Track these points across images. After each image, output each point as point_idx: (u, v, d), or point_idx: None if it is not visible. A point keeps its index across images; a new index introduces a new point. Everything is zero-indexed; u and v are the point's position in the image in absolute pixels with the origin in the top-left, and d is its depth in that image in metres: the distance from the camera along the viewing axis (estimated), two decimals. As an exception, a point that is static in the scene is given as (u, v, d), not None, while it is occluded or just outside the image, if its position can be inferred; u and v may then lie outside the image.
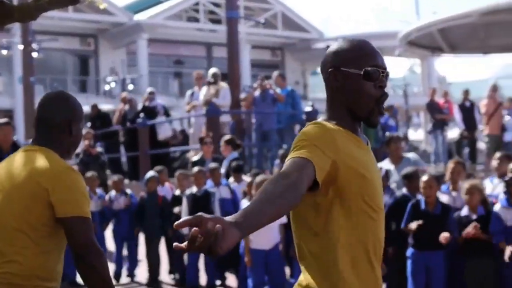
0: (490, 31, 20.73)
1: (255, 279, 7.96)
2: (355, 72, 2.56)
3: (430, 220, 7.11)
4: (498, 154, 9.09)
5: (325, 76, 2.65)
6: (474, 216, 7.04)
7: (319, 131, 2.43)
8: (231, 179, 10.09)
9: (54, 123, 3.17)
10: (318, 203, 2.45)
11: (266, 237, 7.88)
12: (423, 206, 7.24)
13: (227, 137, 11.29)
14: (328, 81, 2.64)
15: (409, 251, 7.30)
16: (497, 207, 6.89)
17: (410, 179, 7.76)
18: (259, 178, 7.86)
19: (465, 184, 7.29)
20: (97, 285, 3.02)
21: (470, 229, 6.92)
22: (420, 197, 7.44)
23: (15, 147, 7.79)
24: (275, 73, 15.22)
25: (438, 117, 16.73)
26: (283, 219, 7.80)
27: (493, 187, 8.48)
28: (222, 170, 10.41)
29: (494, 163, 8.89)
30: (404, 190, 7.74)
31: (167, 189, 10.51)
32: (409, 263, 7.29)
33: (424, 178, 7.33)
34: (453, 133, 21.17)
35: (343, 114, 2.60)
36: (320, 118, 2.65)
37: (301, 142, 2.39)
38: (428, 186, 7.22)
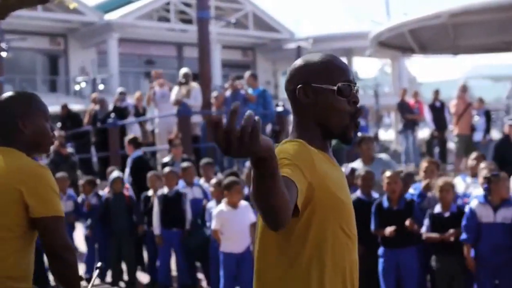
0: (460, 32, 20.91)
1: (226, 284, 7.86)
2: (328, 88, 2.48)
3: (395, 217, 7.16)
4: (474, 154, 9.20)
5: (292, 92, 2.54)
6: (447, 214, 7.11)
7: (298, 150, 2.33)
8: (202, 180, 10.10)
9: (5, 123, 3.16)
10: (292, 228, 2.34)
11: (237, 241, 7.84)
12: (386, 204, 7.28)
13: (129, 136, 11.31)
14: (296, 97, 2.53)
15: (380, 250, 7.33)
16: (473, 204, 6.92)
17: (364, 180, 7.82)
18: (227, 180, 7.86)
19: (438, 182, 7.33)
20: (74, 282, 3.07)
21: (407, 223, 7.08)
22: (376, 195, 7.55)
23: None
24: (247, 73, 15.20)
25: (408, 117, 16.82)
26: (253, 218, 7.80)
27: (465, 186, 8.56)
28: (127, 169, 10.72)
29: (471, 162, 8.98)
30: (359, 193, 7.75)
31: (131, 190, 10.47)
32: (380, 261, 7.32)
33: (388, 173, 7.36)
34: (424, 133, 21.31)
35: (314, 132, 2.50)
36: (291, 136, 2.53)
37: (283, 160, 2.26)
38: (392, 182, 7.26)
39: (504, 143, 11.16)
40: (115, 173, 10.15)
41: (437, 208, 7.24)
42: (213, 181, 9.07)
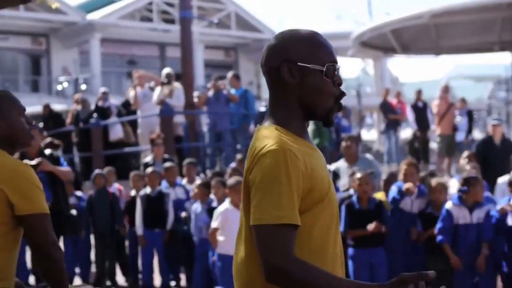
0: (442, 32, 21.05)
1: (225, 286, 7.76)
2: (316, 68, 2.34)
3: (365, 217, 7.23)
4: (466, 153, 9.28)
5: (273, 69, 2.38)
6: (438, 214, 7.21)
7: (284, 166, 2.18)
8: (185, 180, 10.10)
9: None
10: None
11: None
12: (356, 205, 7.34)
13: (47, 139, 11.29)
14: (277, 75, 2.37)
15: (350, 251, 7.37)
16: (448, 205, 6.98)
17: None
18: (232, 181, 7.72)
19: (432, 182, 7.41)
20: (61, 279, 3.06)
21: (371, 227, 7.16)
22: (349, 193, 7.61)
23: (41, 156, 7.20)
24: (229, 74, 15.20)
25: (391, 117, 16.88)
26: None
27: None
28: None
29: (463, 161, 9.05)
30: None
31: (115, 190, 10.48)
32: (350, 263, 7.35)
33: (358, 175, 7.40)
34: (406, 133, 21.39)
35: (294, 113, 2.38)
36: (267, 123, 2.39)
37: (273, 186, 2.16)
38: (364, 183, 7.31)
39: (486, 144, 11.20)
40: (97, 170, 10.17)
41: (429, 208, 7.33)
42: (197, 182, 9.07)
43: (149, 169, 9.63)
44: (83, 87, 30.86)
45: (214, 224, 7.82)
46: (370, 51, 26.79)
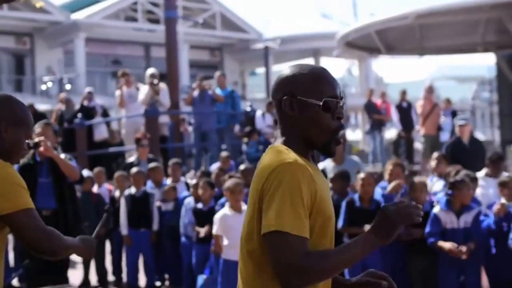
0: (426, 33, 21.10)
1: None
2: (314, 103, 2.45)
3: (366, 217, 7.22)
4: (435, 154, 9.28)
5: (277, 103, 2.52)
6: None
7: (297, 177, 2.31)
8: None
9: None
10: None
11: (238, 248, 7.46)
12: (358, 203, 7.35)
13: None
14: (281, 108, 2.50)
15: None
16: (436, 209, 7.01)
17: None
18: (231, 182, 7.57)
19: (414, 181, 7.45)
20: (66, 254, 3.15)
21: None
22: (352, 194, 7.59)
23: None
24: (217, 73, 15.24)
25: (375, 117, 16.93)
26: None
27: (431, 185, 8.67)
28: None
29: (432, 163, 9.07)
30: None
31: (105, 190, 10.47)
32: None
33: (361, 175, 7.44)
34: (391, 133, 21.47)
35: (299, 143, 2.48)
36: (278, 141, 2.51)
37: (296, 204, 2.28)
38: (367, 184, 7.34)
39: (455, 145, 11.22)
40: (85, 172, 10.14)
41: None
42: (193, 181, 9.08)
43: (134, 169, 9.62)
44: (68, 87, 30.75)
45: (214, 230, 7.72)
46: (355, 51, 26.85)
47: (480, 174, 8.64)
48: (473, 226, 6.91)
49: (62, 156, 7.01)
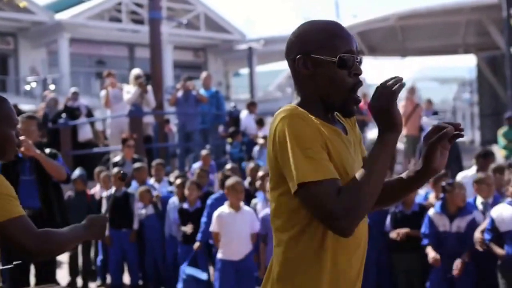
0: (408, 34, 21.32)
1: None
2: (328, 60, 2.35)
3: None
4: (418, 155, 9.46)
5: (291, 62, 2.42)
6: (409, 212, 7.41)
7: (298, 123, 2.23)
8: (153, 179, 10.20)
9: None
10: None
11: (236, 247, 7.47)
12: None
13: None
14: (295, 68, 2.41)
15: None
16: (431, 212, 7.12)
17: None
18: (233, 180, 7.51)
19: None
20: (65, 249, 3.05)
21: (394, 235, 7.26)
22: None
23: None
24: (203, 74, 15.31)
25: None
26: (256, 228, 7.58)
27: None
28: None
29: (411, 165, 9.23)
30: None
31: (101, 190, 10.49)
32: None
33: None
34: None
35: (316, 103, 2.38)
36: (294, 103, 2.41)
37: (306, 150, 2.19)
38: None
39: None
40: (77, 172, 10.20)
41: (399, 206, 7.47)
42: (178, 181, 9.14)
43: (115, 170, 9.68)
44: (52, 87, 30.71)
45: (211, 227, 7.72)
46: (338, 53, 26.97)
47: (471, 171, 8.79)
48: (468, 233, 6.84)
49: (47, 151, 6.59)
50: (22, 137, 5.89)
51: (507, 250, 6.27)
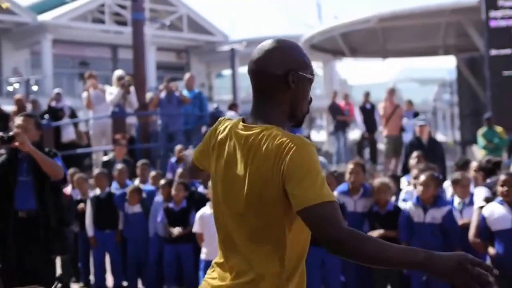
0: (389, 36, 21.49)
1: None
2: (308, 77, 2.59)
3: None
4: (415, 153, 9.61)
5: (276, 76, 2.55)
6: (383, 212, 7.50)
7: (315, 154, 2.44)
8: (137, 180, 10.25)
9: None
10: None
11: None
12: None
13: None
14: (280, 82, 2.56)
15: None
16: (408, 204, 7.25)
17: None
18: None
19: (375, 182, 7.69)
20: None
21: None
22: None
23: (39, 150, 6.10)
24: (187, 75, 15.39)
25: (339, 119, 17.11)
26: None
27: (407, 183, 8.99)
28: None
29: (412, 161, 9.39)
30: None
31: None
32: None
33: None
34: (355, 134, 21.80)
35: (285, 117, 2.59)
36: (261, 122, 2.56)
37: (315, 171, 2.39)
38: (329, 183, 7.56)
39: (414, 144, 11.59)
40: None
41: (375, 207, 7.58)
42: (162, 181, 9.18)
43: (96, 171, 9.73)
44: (35, 88, 30.68)
45: (195, 228, 7.82)
46: (320, 54, 27.12)
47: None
48: (446, 223, 6.97)
49: (46, 150, 6.35)
50: (17, 131, 5.80)
51: (497, 249, 6.37)
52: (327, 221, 2.33)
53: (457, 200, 7.53)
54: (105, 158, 11.47)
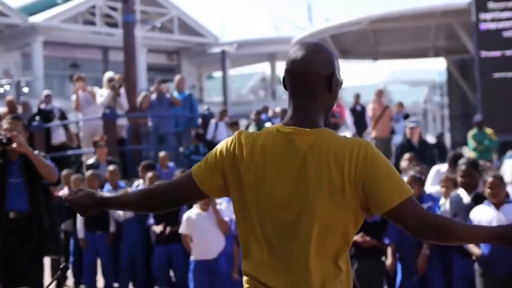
0: (379, 38, 21.52)
1: None
2: (341, 80, 2.67)
3: None
4: (407, 155, 9.65)
5: (322, 78, 2.59)
6: (371, 221, 7.40)
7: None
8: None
9: None
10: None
11: (208, 248, 7.61)
12: None
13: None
14: (322, 84, 2.59)
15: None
16: None
17: None
18: None
19: None
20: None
21: (360, 239, 7.32)
22: None
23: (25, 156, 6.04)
24: (177, 77, 15.41)
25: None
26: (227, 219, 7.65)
27: None
28: None
29: (403, 163, 9.43)
30: None
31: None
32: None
33: None
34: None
35: (323, 119, 2.63)
36: (307, 124, 2.58)
37: (392, 168, 2.53)
38: None
39: (405, 146, 11.64)
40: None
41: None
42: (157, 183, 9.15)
43: (88, 172, 9.73)
44: (25, 90, 30.61)
45: (181, 229, 7.85)
46: (311, 56, 27.10)
47: (444, 168, 9.04)
48: None
49: (36, 152, 6.26)
50: (14, 133, 5.77)
51: (483, 250, 6.40)
52: (421, 211, 2.46)
53: (443, 200, 7.54)
54: (89, 161, 11.43)
